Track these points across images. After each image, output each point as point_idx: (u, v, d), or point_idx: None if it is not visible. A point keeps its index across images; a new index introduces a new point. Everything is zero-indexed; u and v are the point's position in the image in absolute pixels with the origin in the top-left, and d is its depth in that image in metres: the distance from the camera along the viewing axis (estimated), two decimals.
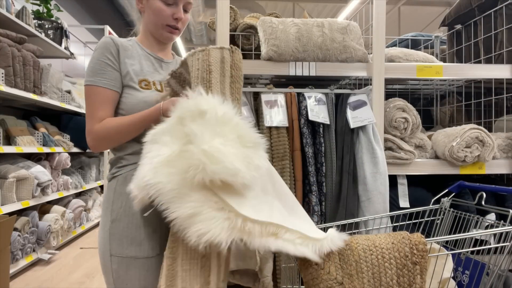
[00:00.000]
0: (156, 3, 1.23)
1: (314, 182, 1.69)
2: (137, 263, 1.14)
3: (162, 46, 1.34)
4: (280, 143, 1.67)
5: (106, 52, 1.20)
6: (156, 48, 1.33)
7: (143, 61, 1.28)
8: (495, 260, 1.27)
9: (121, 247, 1.15)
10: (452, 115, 2.41)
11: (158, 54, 1.32)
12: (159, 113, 1.11)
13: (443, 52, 2.57)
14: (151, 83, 1.24)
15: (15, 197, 2.95)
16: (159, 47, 1.34)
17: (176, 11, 1.25)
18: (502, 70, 1.96)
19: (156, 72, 1.29)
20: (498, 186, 1.56)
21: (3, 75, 2.80)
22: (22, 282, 2.90)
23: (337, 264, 1.10)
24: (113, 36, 1.26)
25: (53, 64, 3.75)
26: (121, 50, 1.23)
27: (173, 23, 1.26)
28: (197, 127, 0.93)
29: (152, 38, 1.32)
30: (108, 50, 1.20)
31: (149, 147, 0.97)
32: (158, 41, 1.32)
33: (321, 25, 1.84)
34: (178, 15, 1.25)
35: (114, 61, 1.21)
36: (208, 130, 0.93)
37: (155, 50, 1.33)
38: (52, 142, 3.56)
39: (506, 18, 2.01)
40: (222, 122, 0.95)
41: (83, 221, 4.34)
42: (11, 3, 3.13)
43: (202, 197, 0.91)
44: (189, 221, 0.88)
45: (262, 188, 1.01)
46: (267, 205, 0.99)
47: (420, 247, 1.10)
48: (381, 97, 1.84)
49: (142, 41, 1.33)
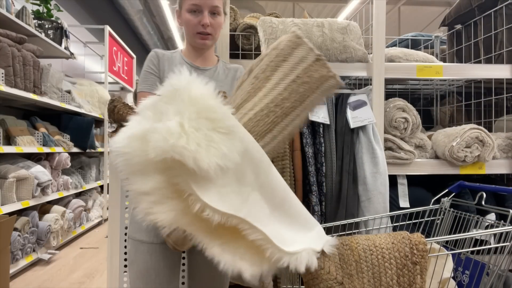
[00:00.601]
0: (185, 15, 1.36)
1: (314, 182, 1.69)
2: (143, 247, 1.28)
3: (200, 54, 1.44)
4: None
5: (149, 63, 1.39)
6: (194, 56, 1.44)
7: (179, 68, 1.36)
8: (495, 260, 1.27)
9: (133, 231, 1.31)
10: (452, 115, 2.41)
11: (196, 62, 1.43)
12: None
13: (443, 52, 2.57)
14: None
15: (15, 197, 2.95)
16: (197, 55, 1.44)
17: (201, 18, 1.34)
18: (502, 70, 1.96)
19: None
20: (498, 186, 1.56)
21: (3, 75, 2.80)
22: (22, 282, 2.90)
23: (337, 264, 1.10)
24: (157, 49, 1.43)
25: (53, 64, 3.75)
26: (161, 60, 1.40)
27: (202, 29, 1.35)
28: (165, 105, 0.93)
29: (191, 48, 1.43)
30: (151, 61, 1.39)
31: (135, 117, 0.96)
32: (196, 49, 1.43)
33: (321, 25, 1.84)
34: (203, 21, 1.34)
35: (155, 69, 1.39)
36: (174, 109, 0.91)
37: (193, 58, 1.43)
38: (52, 142, 3.56)
39: (506, 18, 2.01)
40: (192, 102, 0.92)
41: (83, 221, 4.34)
42: (11, 3, 3.12)
43: (164, 179, 0.89)
44: (141, 197, 0.88)
45: (237, 177, 0.93)
46: (239, 196, 0.91)
47: (420, 247, 1.10)
48: (381, 97, 1.84)
49: (184, 51, 1.46)
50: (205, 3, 1.32)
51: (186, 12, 1.35)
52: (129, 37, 8.30)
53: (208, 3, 1.32)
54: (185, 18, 1.35)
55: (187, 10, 1.34)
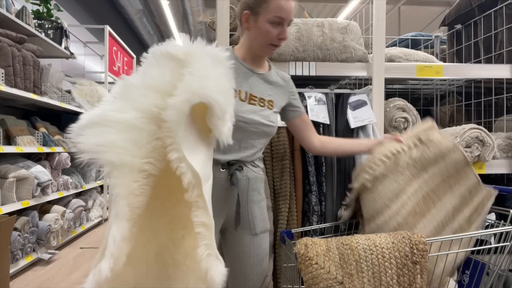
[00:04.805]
0: (265, 25, 1.29)
1: (314, 182, 1.69)
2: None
3: (258, 59, 1.41)
4: (280, 143, 1.67)
5: None
6: (250, 59, 1.40)
7: (234, 71, 1.35)
8: (495, 260, 1.27)
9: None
10: (452, 115, 2.41)
11: (251, 65, 1.39)
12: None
13: (443, 52, 2.57)
14: (237, 92, 1.31)
15: (15, 197, 2.95)
16: (254, 59, 1.40)
17: (281, 32, 1.30)
18: (502, 70, 1.96)
19: (244, 81, 1.36)
20: (498, 186, 1.56)
21: (3, 75, 2.80)
22: (22, 282, 2.90)
23: (337, 263, 1.10)
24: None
25: (53, 64, 3.74)
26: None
27: (278, 43, 1.33)
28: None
29: (251, 52, 1.39)
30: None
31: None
32: (256, 54, 1.39)
33: (321, 25, 1.84)
34: (283, 36, 1.31)
35: None
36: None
37: (249, 61, 1.40)
38: (52, 142, 3.56)
39: (506, 18, 2.01)
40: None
41: (83, 221, 4.34)
42: (11, 3, 3.12)
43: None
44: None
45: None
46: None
47: (420, 247, 1.10)
48: (381, 97, 1.84)
49: (238, 51, 1.41)
50: (288, 17, 1.29)
51: (266, 22, 1.28)
52: (129, 37, 8.30)
53: (290, 17, 1.30)
54: (264, 28, 1.29)
55: (269, 21, 1.28)
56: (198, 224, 0.89)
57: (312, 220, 1.67)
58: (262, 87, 1.38)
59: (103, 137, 0.87)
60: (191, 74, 0.92)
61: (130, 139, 0.90)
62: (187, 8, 7.33)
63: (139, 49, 8.98)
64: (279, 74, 1.46)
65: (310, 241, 1.14)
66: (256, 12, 1.29)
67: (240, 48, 1.41)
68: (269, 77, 1.41)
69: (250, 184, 1.37)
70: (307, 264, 1.09)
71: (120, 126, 0.89)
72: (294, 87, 1.48)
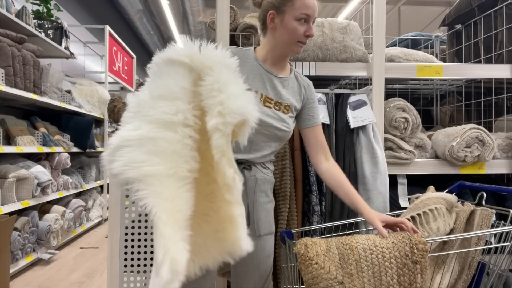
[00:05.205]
0: (291, 23, 1.30)
1: (314, 182, 1.69)
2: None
3: (280, 61, 1.39)
4: None
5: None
6: (271, 62, 1.38)
7: (250, 70, 1.36)
8: (496, 260, 1.27)
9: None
10: (452, 115, 2.41)
11: (271, 68, 1.38)
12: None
13: (443, 52, 2.57)
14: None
15: (15, 197, 2.95)
16: (276, 62, 1.39)
17: (308, 29, 1.31)
18: (502, 70, 1.96)
19: (261, 83, 1.36)
20: (498, 186, 1.56)
21: (3, 75, 2.80)
22: (22, 282, 2.90)
23: (337, 263, 1.10)
24: (231, 47, 1.40)
25: (53, 64, 3.74)
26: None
27: (305, 40, 1.34)
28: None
29: (275, 52, 1.37)
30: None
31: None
32: (278, 56, 1.38)
33: (321, 24, 1.84)
34: (309, 33, 1.32)
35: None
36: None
37: (270, 63, 1.38)
38: (52, 142, 3.56)
39: (506, 18, 2.01)
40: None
41: (83, 221, 4.34)
42: (11, 3, 3.12)
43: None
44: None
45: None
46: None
47: (421, 247, 1.10)
48: (381, 97, 1.84)
49: (259, 53, 1.40)
50: (313, 14, 1.30)
51: (293, 19, 1.29)
52: (129, 37, 8.30)
53: (315, 14, 1.31)
54: (291, 25, 1.30)
55: (296, 18, 1.29)
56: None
57: (312, 220, 1.68)
58: (279, 91, 1.36)
59: (125, 157, 0.92)
60: (221, 91, 0.97)
61: (147, 151, 0.94)
62: (187, 8, 7.33)
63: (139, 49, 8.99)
64: (300, 78, 1.45)
65: (310, 241, 1.14)
66: (282, 11, 1.30)
67: (262, 49, 1.40)
68: (288, 81, 1.40)
69: (258, 185, 1.36)
70: (307, 264, 1.09)
71: (137, 142, 0.94)
72: (314, 93, 1.46)
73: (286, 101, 1.37)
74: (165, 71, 1.01)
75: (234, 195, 1.02)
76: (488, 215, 1.32)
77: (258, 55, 1.39)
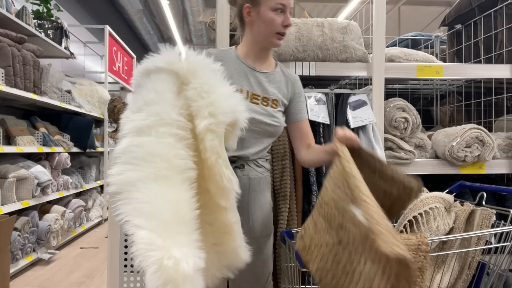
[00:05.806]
0: (268, 14, 1.29)
1: (314, 182, 1.69)
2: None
3: (262, 56, 1.38)
4: (280, 143, 1.67)
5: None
6: (253, 58, 1.37)
7: (234, 69, 1.35)
8: (496, 260, 1.27)
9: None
10: (452, 115, 2.41)
11: (254, 64, 1.37)
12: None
13: (443, 52, 2.57)
14: (238, 91, 1.29)
15: (15, 197, 2.95)
16: (258, 57, 1.38)
17: (285, 19, 1.30)
18: (502, 70, 1.96)
19: (245, 80, 1.35)
20: (498, 186, 1.56)
21: (3, 75, 2.80)
22: (22, 282, 2.90)
23: (327, 228, 1.10)
24: (210, 49, 1.39)
25: (53, 64, 3.74)
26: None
27: (283, 30, 1.32)
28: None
29: (256, 47, 1.36)
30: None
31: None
32: (259, 50, 1.37)
33: (321, 25, 1.84)
34: (287, 22, 1.30)
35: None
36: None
37: (252, 59, 1.37)
38: (52, 142, 3.56)
39: (506, 18, 2.01)
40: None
41: (83, 221, 4.34)
42: (11, 3, 3.12)
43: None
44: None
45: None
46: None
47: (422, 248, 1.10)
48: (381, 97, 1.84)
49: (240, 51, 1.39)
50: (288, 3, 1.29)
51: (269, 10, 1.28)
52: (129, 37, 8.30)
53: (291, 3, 1.30)
54: (268, 16, 1.28)
55: (272, 9, 1.27)
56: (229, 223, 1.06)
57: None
58: (265, 86, 1.35)
59: (110, 176, 0.97)
60: (211, 93, 0.98)
61: (123, 162, 0.97)
62: (187, 8, 7.33)
63: (139, 49, 8.98)
64: (286, 72, 1.43)
65: (303, 230, 1.16)
66: (257, 3, 1.29)
67: (243, 46, 1.39)
68: (274, 76, 1.39)
69: (252, 184, 1.34)
70: (307, 252, 1.10)
71: (117, 158, 0.97)
72: (301, 88, 1.45)
73: (273, 95, 1.36)
74: (143, 83, 1.02)
75: (230, 200, 1.01)
76: (488, 215, 1.32)
77: (239, 53, 1.38)
